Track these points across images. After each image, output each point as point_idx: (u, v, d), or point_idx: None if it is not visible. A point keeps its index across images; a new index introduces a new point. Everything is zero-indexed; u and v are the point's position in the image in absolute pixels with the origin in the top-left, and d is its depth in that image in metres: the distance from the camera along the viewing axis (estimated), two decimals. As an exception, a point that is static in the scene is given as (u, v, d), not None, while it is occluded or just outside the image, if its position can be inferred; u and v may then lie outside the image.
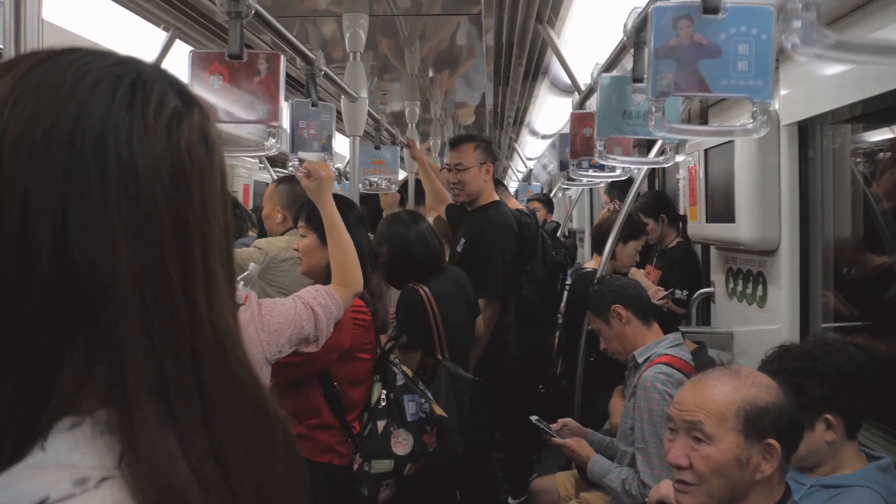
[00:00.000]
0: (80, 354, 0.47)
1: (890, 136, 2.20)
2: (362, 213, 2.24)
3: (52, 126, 0.47)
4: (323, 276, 1.98)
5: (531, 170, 9.12)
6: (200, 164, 0.53)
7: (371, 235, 2.34)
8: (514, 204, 3.87)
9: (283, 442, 0.58)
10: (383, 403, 2.11)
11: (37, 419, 0.47)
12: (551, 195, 7.96)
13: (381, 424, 2.08)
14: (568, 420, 2.46)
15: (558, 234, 5.27)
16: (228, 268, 0.56)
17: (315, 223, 2.02)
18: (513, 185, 9.62)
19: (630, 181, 2.91)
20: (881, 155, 2.27)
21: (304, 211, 2.09)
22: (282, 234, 2.76)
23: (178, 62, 3.00)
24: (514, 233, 3.06)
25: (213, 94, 1.48)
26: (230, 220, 0.57)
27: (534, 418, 2.42)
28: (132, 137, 0.48)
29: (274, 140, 1.50)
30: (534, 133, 6.06)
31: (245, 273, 2.00)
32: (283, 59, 1.52)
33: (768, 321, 2.52)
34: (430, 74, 3.84)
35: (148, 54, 2.96)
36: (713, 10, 1.14)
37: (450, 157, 3.11)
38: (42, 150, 0.46)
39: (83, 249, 0.46)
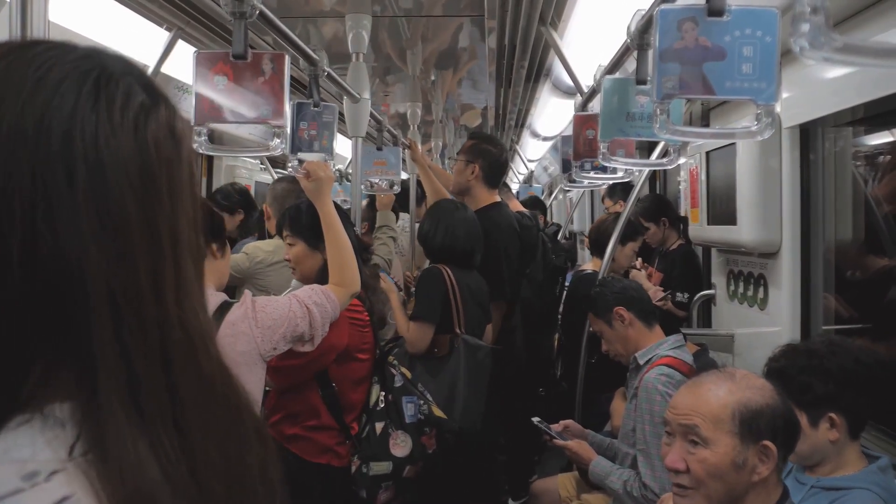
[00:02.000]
0: (46, 354, 0.47)
1: (891, 139, 2.20)
2: (346, 212, 2.24)
3: (16, 124, 0.46)
4: (316, 280, 1.99)
5: (532, 172, 9.12)
6: (168, 159, 0.52)
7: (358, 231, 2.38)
8: (517, 206, 3.87)
9: (254, 435, 0.58)
10: (381, 405, 2.11)
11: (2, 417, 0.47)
12: (552, 197, 7.96)
13: (379, 426, 2.08)
14: (569, 422, 2.46)
15: (559, 237, 5.28)
16: (198, 263, 0.56)
17: (299, 231, 2.04)
18: (514, 187, 9.62)
19: (631, 183, 2.91)
20: (882, 158, 2.27)
21: (286, 220, 2.09)
22: (273, 234, 2.81)
23: (181, 62, 3.02)
24: (517, 234, 3.09)
25: (217, 93, 1.48)
26: (199, 214, 0.57)
27: (535, 420, 2.42)
28: (98, 136, 0.48)
29: (279, 140, 1.50)
30: (535, 135, 6.06)
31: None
32: (287, 59, 1.52)
33: (769, 323, 2.53)
34: (433, 76, 3.84)
35: (151, 54, 2.97)
36: (718, 12, 1.14)
37: None
38: (7, 149, 0.45)
39: (52, 248, 0.46)
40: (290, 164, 2.15)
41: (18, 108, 0.46)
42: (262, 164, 5.77)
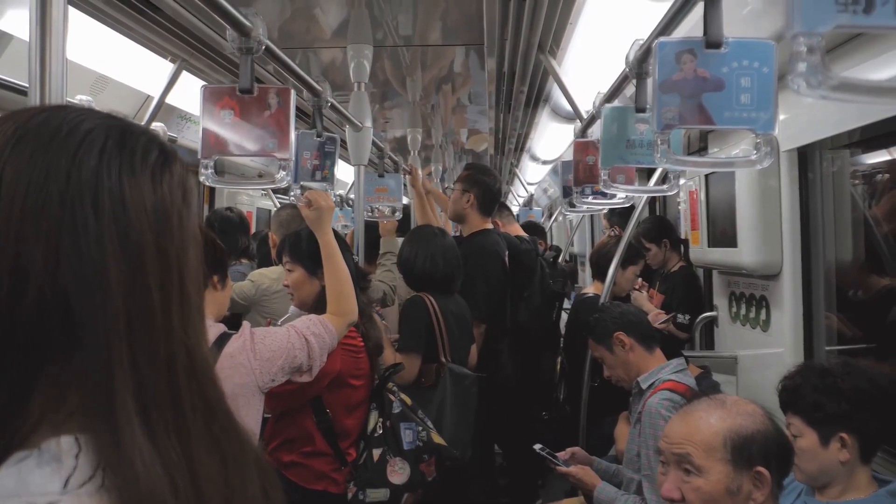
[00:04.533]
0: (48, 382, 0.51)
1: (888, 157, 2.22)
2: (344, 239, 2.27)
3: (50, 162, 0.52)
4: (314, 306, 1.99)
5: (532, 195, 9.16)
6: (179, 207, 0.59)
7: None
8: (517, 230, 3.89)
9: (255, 467, 0.62)
10: (379, 431, 2.10)
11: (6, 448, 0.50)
12: (552, 219, 7.99)
13: (376, 453, 2.07)
14: (576, 449, 2.45)
15: (559, 260, 5.28)
16: (201, 298, 0.62)
17: (299, 257, 2.06)
18: (514, 209, 9.63)
19: (630, 206, 2.93)
20: (880, 177, 2.29)
21: (286, 247, 2.11)
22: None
23: (185, 92, 3.06)
24: (500, 258, 3.16)
25: (223, 127, 1.50)
26: (201, 260, 0.63)
27: (537, 447, 2.40)
28: (122, 176, 0.55)
29: (284, 173, 1.52)
30: (535, 158, 6.10)
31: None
32: (293, 93, 1.54)
33: (772, 345, 2.53)
34: (432, 102, 3.88)
35: (156, 85, 3.00)
36: (716, 44, 1.17)
37: None
38: (40, 182, 0.52)
39: (74, 270, 0.51)
40: (291, 193, 2.17)
41: (54, 148, 0.53)
42: (263, 190, 5.79)
